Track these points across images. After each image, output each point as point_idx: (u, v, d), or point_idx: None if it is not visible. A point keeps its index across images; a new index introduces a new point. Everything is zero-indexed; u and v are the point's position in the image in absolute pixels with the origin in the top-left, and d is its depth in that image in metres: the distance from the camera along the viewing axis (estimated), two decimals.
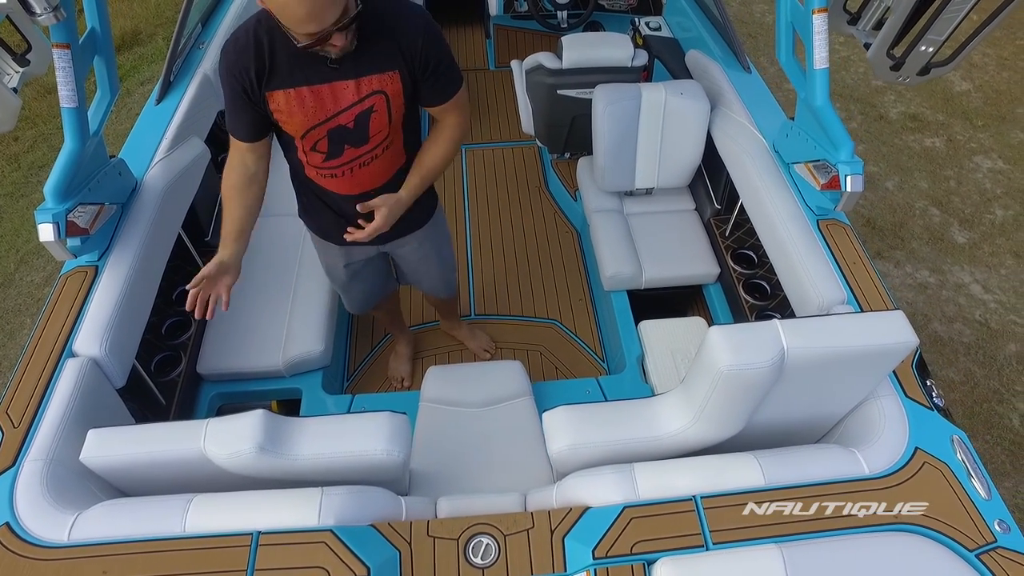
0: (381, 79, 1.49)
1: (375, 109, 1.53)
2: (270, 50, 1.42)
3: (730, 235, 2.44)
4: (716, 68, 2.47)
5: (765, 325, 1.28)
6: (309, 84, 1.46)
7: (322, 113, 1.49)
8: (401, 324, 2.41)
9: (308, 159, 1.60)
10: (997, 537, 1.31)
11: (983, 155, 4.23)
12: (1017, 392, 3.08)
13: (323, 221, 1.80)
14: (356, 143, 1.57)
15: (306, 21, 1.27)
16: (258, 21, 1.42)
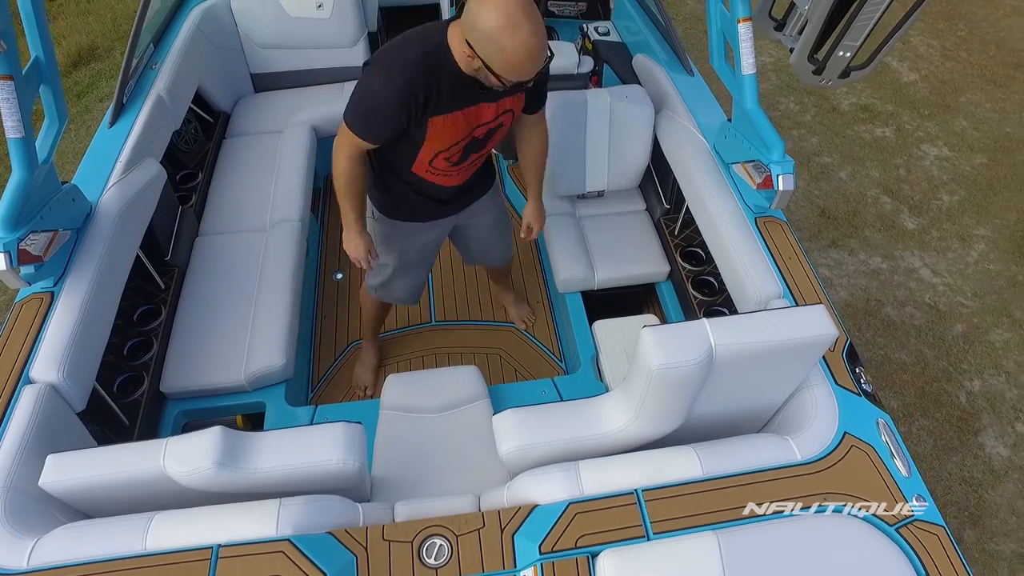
0: (513, 100, 1.71)
1: (503, 124, 1.77)
2: (437, 80, 1.55)
3: (679, 234, 2.53)
4: (661, 72, 2.55)
5: (694, 324, 1.36)
6: (463, 108, 1.64)
7: (466, 131, 1.69)
8: (377, 332, 2.50)
9: (433, 163, 1.76)
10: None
11: (930, 143, 4.38)
12: (964, 370, 3.22)
13: (415, 207, 1.95)
14: (478, 150, 1.80)
15: (526, 74, 1.47)
16: (425, 53, 1.54)
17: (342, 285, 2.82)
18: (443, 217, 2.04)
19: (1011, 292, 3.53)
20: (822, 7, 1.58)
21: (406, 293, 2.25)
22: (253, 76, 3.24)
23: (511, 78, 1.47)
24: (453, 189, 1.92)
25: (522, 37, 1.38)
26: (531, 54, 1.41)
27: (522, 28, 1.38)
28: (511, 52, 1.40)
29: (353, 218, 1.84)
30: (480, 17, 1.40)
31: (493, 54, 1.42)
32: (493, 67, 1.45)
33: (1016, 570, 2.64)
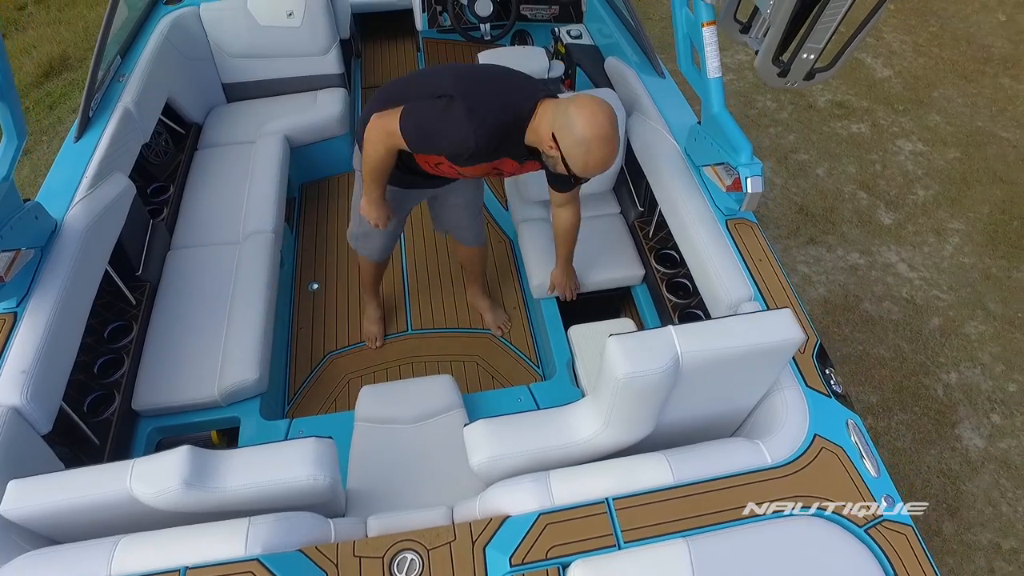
0: (534, 164, 1.87)
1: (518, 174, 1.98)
2: (502, 146, 1.72)
3: (653, 236, 2.53)
4: (632, 74, 2.55)
5: (659, 332, 1.36)
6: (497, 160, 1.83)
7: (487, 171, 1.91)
8: (378, 292, 2.65)
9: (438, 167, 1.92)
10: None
11: (904, 138, 4.42)
12: (940, 364, 3.25)
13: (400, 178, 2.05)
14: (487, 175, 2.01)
15: (593, 175, 1.69)
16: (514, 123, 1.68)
17: (318, 296, 2.80)
18: (424, 188, 2.18)
19: (985, 285, 3.58)
20: (784, 11, 1.59)
21: (379, 250, 2.38)
22: (225, 86, 3.21)
23: (579, 175, 1.67)
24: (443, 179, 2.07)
25: (608, 152, 1.61)
26: (606, 161, 1.62)
27: (611, 144, 1.60)
28: (595, 160, 1.61)
29: (378, 194, 1.99)
30: (578, 124, 1.57)
31: (578, 156, 1.61)
32: (571, 164, 1.64)
33: (992, 559, 2.67)
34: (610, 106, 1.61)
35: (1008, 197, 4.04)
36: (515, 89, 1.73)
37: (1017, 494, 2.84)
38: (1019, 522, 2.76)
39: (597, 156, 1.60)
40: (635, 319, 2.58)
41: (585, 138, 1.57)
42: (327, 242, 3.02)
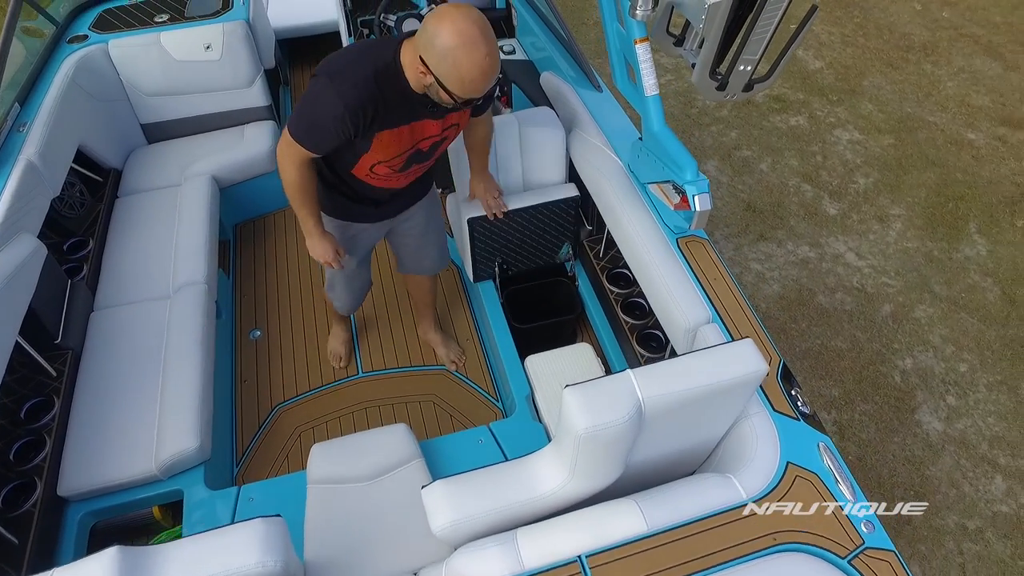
0: (459, 115, 1.75)
1: (447, 138, 1.81)
2: (385, 98, 1.58)
3: (604, 256, 2.47)
4: (569, 90, 2.48)
5: (618, 379, 1.28)
6: (409, 123, 1.68)
7: (410, 143, 1.73)
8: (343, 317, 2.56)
9: (374, 170, 1.78)
10: (864, 539, 1.36)
11: (841, 128, 4.50)
12: (895, 350, 3.29)
13: (348, 206, 1.97)
14: (423, 160, 1.84)
15: (479, 93, 1.51)
16: (376, 71, 1.57)
17: (260, 344, 2.64)
18: (377, 220, 2.06)
19: (929, 268, 3.65)
20: (717, 24, 1.54)
21: (347, 298, 2.31)
22: (144, 127, 3.01)
23: (462, 95, 1.51)
24: (390, 194, 1.96)
25: (478, 56, 1.43)
26: (485, 73, 1.46)
27: (479, 47, 1.43)
28: (466, 70, 1.44)
29: (312, 223, 1.87)
30: (439, 35, 1.43)
31: (448, 71, 1.46)
32: (446, 84, 1.48)
33: (960, 541, 2.70)
34: (475, 8, 1.46)
35: (941, 180, 4.15)
36: (373, 44, 1.64)
37: (976, 473, 2.88)
38: (980, 501, 2.80)
39: (468, 64, 1.43)
40: (592, 342, 2.51)
41: (449, 47, 1.42)
42: (267, 284, 2.86)
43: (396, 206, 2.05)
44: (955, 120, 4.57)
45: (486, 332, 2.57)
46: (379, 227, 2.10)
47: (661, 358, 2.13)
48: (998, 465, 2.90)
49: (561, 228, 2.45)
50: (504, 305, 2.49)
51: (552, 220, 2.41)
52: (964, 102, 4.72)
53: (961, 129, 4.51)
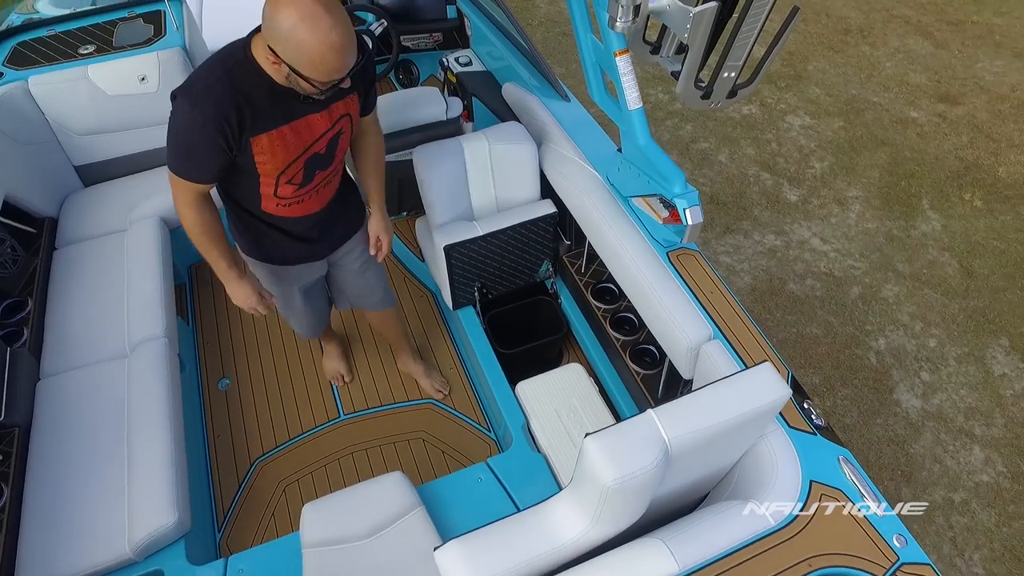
0: (346, 102, 1.61)
1: (343, 131, 1.65)
2: (248, 98, 1.45)
3: (586, 271, 2.40)
4: (534, 101, 2.40)
5: (641, 421, 1.21)
6: (288, 122, 1.52)
7: (300, 147, 1.57)
8: (330, 329, 2.44)
9: (278, 191, 1.63)
10: (899, 554, 1.33)
11: (792, 114, 4.56)
12: (868, 331, 3.34)
13: (278, 248, 1.84)
14: (324, 166, 1.67)
15: (338, 72, 1.37)
16: (227, 70, 1.44)
17: (231, 394, 2.47)
18: (313, 260, 1.93)
19: (890, 247, 3.73)
20: (702, 32, 1.48)
21: (306, 330, 2.20)
22: (78, 169, 2.78)
23: (321, 78, 1.38)
24: (313, 222, 1.80)
25: (322, 31, 1.30)
26: (335, 48, 1.33)
27: (321, 21, 1.30)
28: (314, 50, 1.32)
29: (225, 266, 1.72)
30: (276, 19, 1.32)
31: (296, 55, 1.34)
32: (300, 69, 1.36)
33: (949, 515, 2.75)
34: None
35: (892, 159, 4.25)
36: (224, 47, 1.52)
37: (956, 446, 2.95)
38: (963, 473, 2.86)
39: (314, 42, 1.31)
40: (580, 361, 2.44)
41: (289, 28, 1.31)
42: (231, 328, 2.68)
43: (331, 241, 1.92)
44: (897, 99, 4.70)
45: (470, 360, 2.47)
46: (319, 265, 1.98)
47: (658, 374, 2.08)
48: (975, 436, 2.98)
49: (540, 246, 2.37)
50: (486, 330, 2.39)
51: (530, 239, 2.32)
52: (903, 81, 4.85)
53: (904, 108, 4.63)
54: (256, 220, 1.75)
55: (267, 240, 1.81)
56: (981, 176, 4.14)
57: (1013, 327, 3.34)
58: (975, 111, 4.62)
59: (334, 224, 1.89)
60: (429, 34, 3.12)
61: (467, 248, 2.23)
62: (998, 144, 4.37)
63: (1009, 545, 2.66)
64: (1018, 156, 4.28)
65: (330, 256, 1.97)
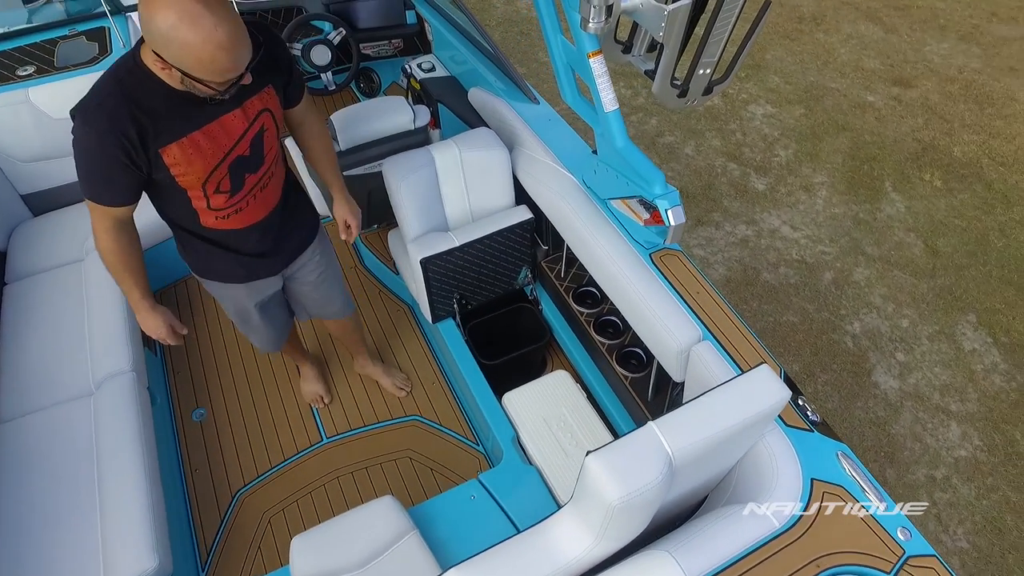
0: (262, 97, 1.52)
1: (266, 128, 1.56)
2: (146, 106, 1.36)
3: (565, 275, 2.36)
4: (503, 105, 2.35)
5: (642, 435, 1.18)
6: (199, 127, 1.43)
7: (220, 152, 1.47)
8: (302, 350, 2.39)
9: (211, 203, 1.55)
10: (905, 548, 1.33)
11: (754, 103, 4.60)
12: (843, 316, 3.39)
13: (227, 264, 1.75)
14: (254, 168, 1.57)
15: (231, 70, 1.29)
16: (118, 81, 1.36)
17: (207, 424, 2.37)
18: (269, 275, 1.85)
19: (858, 230, 3.78)
20: (676, 29, 1.45)
21: (266, 345, 2.12)
22: (25, 198, 2.63)
23: (216, 79, 1.30)
24: (261, 234, 1.71)
25: (205, 29, 1.22)
26: (223, 46, 1.25)
27: (202, 19, 1.21)
28: (200, 49, 1.24)
29: (138, 295, 1.64)
30: (154, 21, 1.23)
31: (183, 57, 1.25)
32: (190, 72, 1.28)
33: (932, 492, 2.80)
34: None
35: (853, 143, 4.32)
36: (116, 60, 1.43)
37: (934, 423, 3.00)
38: (942, 450, 2.92)
39: (197, 41, 1.22)
40: (566, 367, 2.40)
41: (169, 29, 1.21)
42: (202, 355, 2.57)
43: (285, 254, 1.84)
44: (854, 85, 4.78)
45: (453, 373, 2.41)
46: (275, 280, 1.90)
47: (646, 377, 2.05)
48: (951, 412, 3.04)
49: (517, 253, 2.32)
50: (468, 342, 2.34)
51: (507, 246, 2.28)
52: (858, 66, 4.94)
53: (861, 92, 4.72)
54: (201, 239, 1.66)
55: (216, 258, 1.73)
56: (938, 156, 4.24)
57: (979, 303, 3.42)
58: (927, 93, 4.72)
59: (286, 236, 1.81)
60: (389, 41, 3.05)
61: (443, 260, 2.17)
62: (951, 124, 4.48)
63: (989, 517, 2.72)
64: (971, 136, 4.39)
65: (285, 270, 1.90)
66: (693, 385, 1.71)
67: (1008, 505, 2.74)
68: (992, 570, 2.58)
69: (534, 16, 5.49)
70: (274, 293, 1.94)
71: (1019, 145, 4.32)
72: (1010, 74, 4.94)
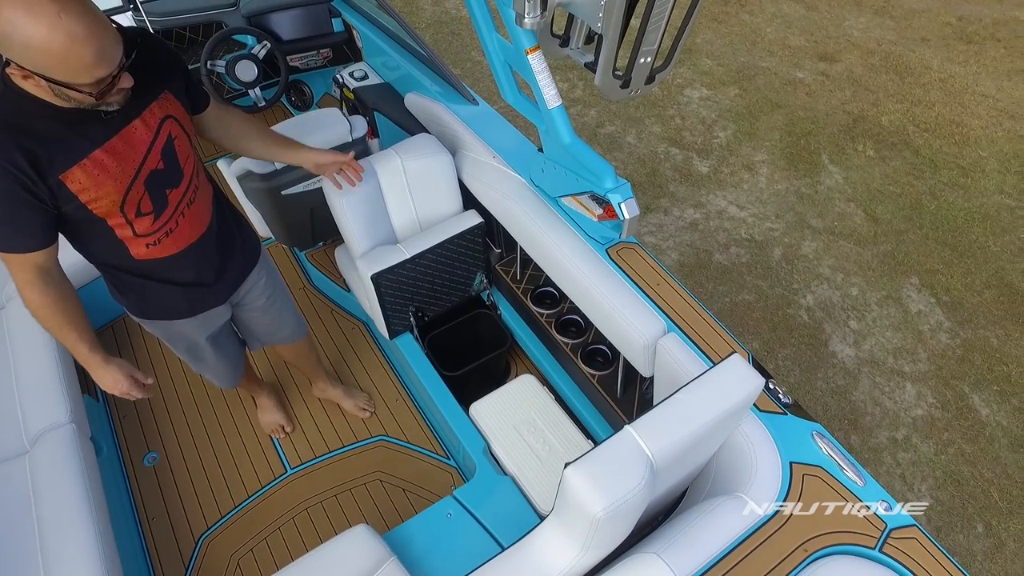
0: (162, 104, 1.39)
1: (174, 135, 1.43)
2: (29, 132, 1.22)
3: (521, 277, 2.31)
4: (441, 109, 2.28)
5: (620, 441, 1.14)
6: (99, 145, 1.30)
7: (130, 168, 1.34)
8: (257, 380, 2.30)
9: (136, 230, 1.42)
10: (886, 521, 1.33)
11: (689, 87, 4.66)
12: (796, 290, 3.45)
13: (168, 298, 1.62)
14: (174, 183, 1.45)
15: (95, 65, 1.15)
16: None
17: (161, 468, 2.23)
18: (215, 305, 1.73)
19: (802, 205, 3.87)
20: (615, 19, 1.42)
21: (225, 381, 2.02)
22: None
23: (82, 78, 1.15)
24: (198, 260, 1.58)
25: (46, 18, 1.07)
26: (75, 37, 1.10)
27: (42, 8, 1.07)
28: (46, 40, 1.09)
29: (87, 350, 1.46)
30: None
31: (36, 57, 1.11)
32: (51, 73, 1.14)
33: (895, 452, 2.88)
34: None
35: (788, 119, 4.42)
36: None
37: (891, 385, 3.09)
38: (900, 411, 3.00)
39: (46, 37, 1.09)
40: (531, 370, 2.36)
41: (10, 27, 1.08)
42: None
43: (228, 281, 1.72)
44: (783, 63, 4.89)
45: (416, 389, 2.34)
46: (222, 310, 1.78)
47: (613, 373, 2.03)
48: (905, 373, 3.13)
49: (471, 259, 2.26)
50: (428, 355, 2.27)
51: (460, 253, 2.21)
52: (785, 44, 5.06)
53: (790, 70, 4.83)
54: (135, 276, 1.53)
55: (155, 294, 1.59)
56: (868, 127, 4.38)
57: (920, 265, 3.54)
58: (852, 67, 4.88)
59: (228, 261, 1.69)
60: (317, 51, 2.94)
61: (395, 274, 2.09)
62: (876, 95, 4.64)
63: (948, 470, 2.81)
64: (895, 105, 4.56)
65: (232, 297, 1.79)
66: (662, 378, 1.69)
67: (963, 457, 2.84)
68: (955, 520, 2.67)
69: (464, 16, 5.42)
70: (224, 324, 1.83)
71: (939, 112, 4.50)
72: (923, 44, 5.14)
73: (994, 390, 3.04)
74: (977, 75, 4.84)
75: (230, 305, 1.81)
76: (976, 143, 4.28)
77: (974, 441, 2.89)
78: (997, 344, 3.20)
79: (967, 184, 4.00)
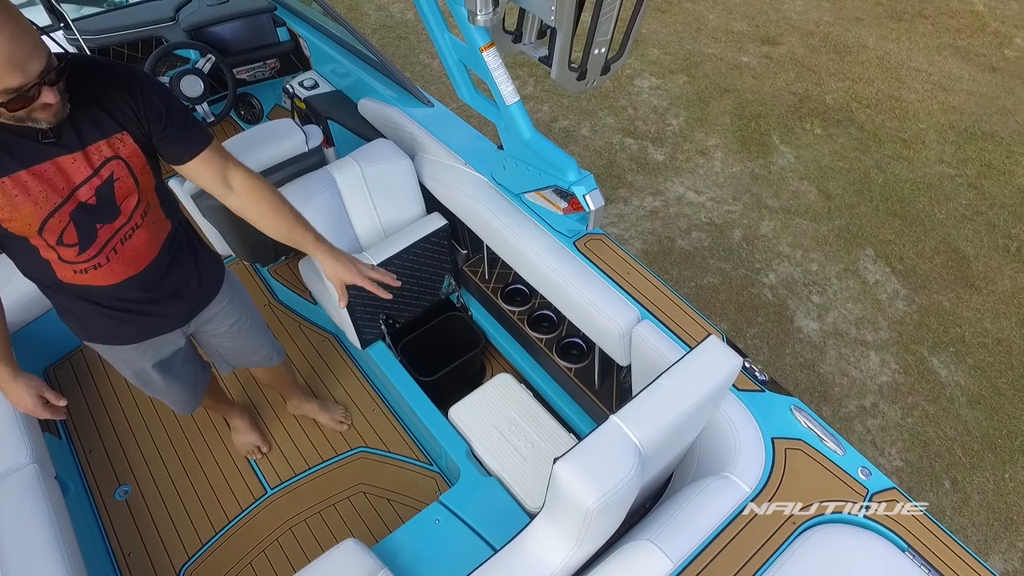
0: (111, 143, 1.31)
1: (117, 177, 1.34)
2: None
3: (490, 276, 2.30)
4: (396, 113, 2.25)
5: (607, 431, 1.14)
6: (26, 167, 1.24)
7: (55, 196, 1.28)
8: (228, 401, 2.23)
9: (60, 255, 1.35)
10: (867, 487, 1.37)
11: (639, 77, 4.71)
12: (758, 269, 3.52)
13: (110, 323, 1.53)
14: (107, 219, 1.36)
15: (7, 71, 1.06)
16: None
17: (134, 502, 2.15)
18: (161, 334, 1.62)
19: (757, 185, 3.95)
20: (567, 11, 1.42)
21: (180, 406, 1.93)
22: None
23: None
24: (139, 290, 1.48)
25: None
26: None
27: None
28: None
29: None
30: None
31: None
32: None
33: (864, 420, 2.97)
34: None
35: (737, 103, 4.51)
36: None
37: (855, 356, 3.18)
38: (867, 380, 3.10)
39: None
40: (507, 369, 2.35)
41: None
42: (115, 426, 2.32)
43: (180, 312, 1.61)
44: (727, 48, 4.99)
45: (393, 397, 2.31)
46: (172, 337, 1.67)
47: (590, 366, 2.03)
48: (868, 343, 3.23)
49: (438, 262, 2.24)
50: (402, 362, 2.24)
51: (426, 257, 2.19)
52: (728, 30, 5.16)
53: (735, 54, 4.93)
54: (72, 298, 1.46)
55: (94, 317, 1.51)
56: (813, 106, 4.50)
57: (873, 236, 3.66)
58: (793, 48, 5.00)
59: (180, 291, 1.58)
60: (264, 62, 2.87)
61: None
62: (819, 75, 4.77)
63: (915, 432, 2.91)
64: (837, 83, 4.69)
65: (187, 327, 1.69)
66: (640, 366, 1.70)
67: (928, 418, 2.94)
68: (924, 480, 2.76)
69: (410, 19, 5.38)
70: (177, 350, 1.72)
71: (878, 88, 4.66)
72: (858, 24, 5.31)
73: (951, 351, 3.15)
74: (910, 51, 5.03)
75: (183, 333, 1.70)
76: (915, 116, 4.44)
77: (936, 402, 2.99)
78: (950, 307, 3.32)
79: (910, 156, 4.14)
